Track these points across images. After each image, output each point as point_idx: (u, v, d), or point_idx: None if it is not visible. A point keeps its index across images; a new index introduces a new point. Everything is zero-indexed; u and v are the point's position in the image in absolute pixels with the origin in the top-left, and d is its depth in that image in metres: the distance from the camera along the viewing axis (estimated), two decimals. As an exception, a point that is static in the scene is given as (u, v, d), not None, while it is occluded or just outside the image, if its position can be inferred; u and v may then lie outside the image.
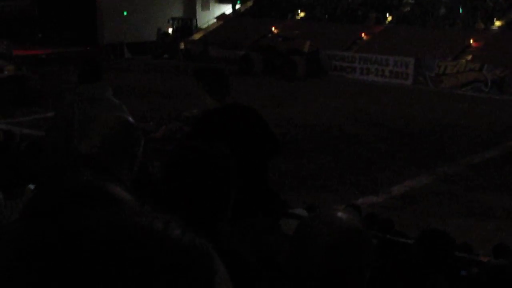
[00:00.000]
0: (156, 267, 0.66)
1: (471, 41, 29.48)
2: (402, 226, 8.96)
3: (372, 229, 6.46)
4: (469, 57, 28.63)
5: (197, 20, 40.96)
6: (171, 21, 38.68)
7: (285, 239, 4.99)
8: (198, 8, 43.13)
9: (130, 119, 2.35)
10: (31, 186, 4.23)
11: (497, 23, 30.72)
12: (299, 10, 37.58)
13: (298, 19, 36.92)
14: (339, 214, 1.83)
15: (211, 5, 43.82)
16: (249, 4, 40.98)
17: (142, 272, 0.65)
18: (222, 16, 40.69)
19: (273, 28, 35.11)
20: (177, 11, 41.54)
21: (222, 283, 0.70)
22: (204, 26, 40.45)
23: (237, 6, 41.38)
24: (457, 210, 12.12)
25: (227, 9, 41.92)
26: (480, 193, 13.15)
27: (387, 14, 34.33)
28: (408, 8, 34.61)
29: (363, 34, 32.74)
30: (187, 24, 39.59)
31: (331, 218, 1.82)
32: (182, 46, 36.92)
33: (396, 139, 17.81)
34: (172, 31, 38.66)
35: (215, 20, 40.45)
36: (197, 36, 38.76)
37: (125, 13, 39.21)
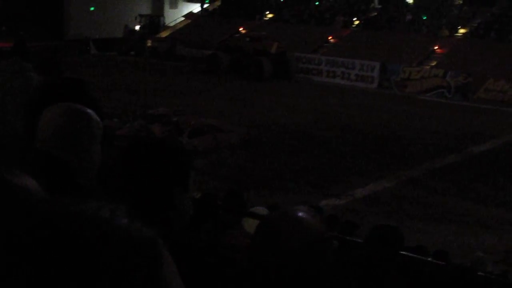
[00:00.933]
0: (103, 256, 0.66)
1: (436, 47, 29.89)
2: (364, 228, 9.03)
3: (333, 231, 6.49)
4: (434, 63, 29.02)
5: (165, 18, 40.79)
6: (138, 18, 38.44)
7: (247, 238, 4.99)
8: (166, 6, 42.94)
9: (82, 108, 2.27)
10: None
11: (461, 31, 31.19)
12: (267, 12, 37.67)
13: (266, 20, 37.00)
14: (302, 214, 1.83)
15: (179, 3, 43.65)
16: (217, 3, 40.94)
17: (89, 260, 0.65)
18: (190, 14, 40.56)
19: (240, 29, 35.12)
20: (145, 9, 41.31)
21: (168, 273, 0.70)
22: (172, 24, 40.28)
23: (205, 5, 41.29)
24: (418, 213, 12.26)
25: (195, 7, 41.80)
26: (440, 197, 13.33)
27: (354, 19, 34.61)
28: (375, 13, 34.94)
29: (330, 37, 32.95)
30: (154, 22, 39.40)
31: (294, 218, 1.82)
32: (149, 43, 36.70)
33: (360, 142, 17.95)
34: (140, 28, 38.44)
35: (183, 19, 40.30)
36: (164, 34, 38.59)
37: (92, 9, 38.83)
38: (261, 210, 5.97)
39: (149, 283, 0.68)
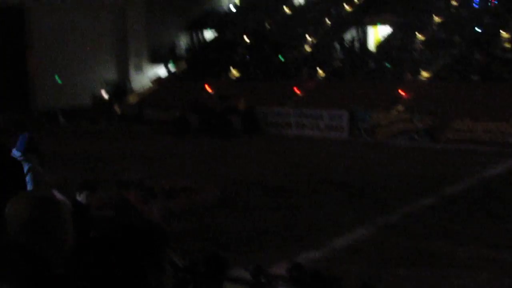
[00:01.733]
0: None
1: (401, 92, 30.37)
2: (347, 278, 8.96)
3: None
4: (400, 107, 29.43)
5: (131, 82, 41.00)
6: (105, 85, 38.57)
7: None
8: (131, 70, 43.16)
9: (48, 195, 2.22)
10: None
11: (424, 74, 31.79)
12: (232, 69, 38.07)
13: (232, 78, 37.35)
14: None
15: (144, 65, 43.91)
16: (182, 65, 41.30)
17: None
18: (157, 80, 40.82)
19: (206, 88, 35.40)
20: (110, 74, 41.46)
21: None
22: (139, 88, 40.47)
23: (170, 66, 41.61)
24: (399, 259, 12.21)
25: (160, 68, 42.08)
26: (420, 242, 13.31)
27: (318, 69, 35.11)
28: (339, 63, 35.51)
29: (296, 89, 33.32)
30: (121, 87, 39.55)
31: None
32: (117, 109, 36.75)
33: (335, 191, 17.98)
34: (107, 95, 38.55)
35: (150, 84, 40.54)
36: (132, 98, 38.72)
37: (57, 77, 38.81)
38: (243, 273, 5.89)
39: None
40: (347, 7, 40.67)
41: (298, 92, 33.30)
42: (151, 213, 14.45)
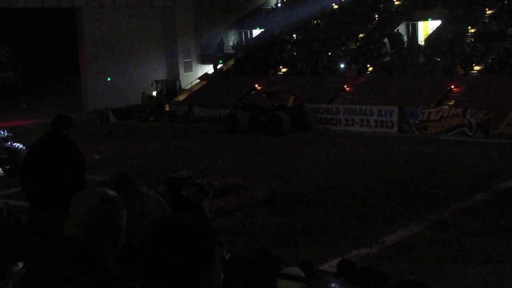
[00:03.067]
0: None
1: (452, 87, 29.88)
2: (398, 275, 8.88)
3: (367, 283, 6.39)
4: (452, 102, 28.96)
5: (181, 81, 41.38)
6: (155, 84, 39.02)
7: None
8: (181, 70, 43.60)
9: (110, 192, 2.30)
10: (20, 265, 4.15)
11: (476, 68, 31.21)
12: (280, 66, 38.06)
13: (280, 75, 37.34)
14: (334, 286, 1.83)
15: (194, 66, 44.33)
16: (231, 63, 41.48)
17: None
18: (205, 76, 41.09)
19: (256, 85, 35.46)
20: (161, 74, 41.97)
21: None
22: (188, 87, 40.82)
23: (219, 66, 41.87)
24: (452, 256, 12.04)
25: (209, 69, 42.40)
26: (473, 238, 13.10)
27: (368, 65, 34.84)
28: (388, 58, 35.14)
29: (345, 86, 33.13)
30: (171, 86, 39.96)
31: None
32: (167, 108, 37.14)
33: (386, 188, 17.81)
34: (157, 94, 38.97)
35: (198, 81, 40.84)
36: (181, 97, 39.07)
37: (109, 79, 39.55)
38: (296, 270, 5.89)
39: None
40: (396, 1, 40.23)
41: (347, 88, 33.09)
42: (202, 210, 14.56)
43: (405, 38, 37.21)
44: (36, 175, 6.65)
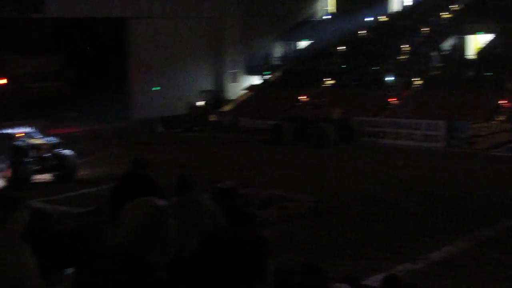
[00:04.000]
0: None
1: (502, 101, 29.36)
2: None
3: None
4: (502, 117, 28.44)
5: (227, 92, 41.61)
6: (201, 94, 39.31)
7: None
8: (227, 81, 43.87)
9: (160, 202, 2.34)
10: (69, 271, 4.21)
11: (528, 82, 30.65)
12: (327, 78, 37.98)
13: (326, 87, 37.25)
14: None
15: (240, 77, 44.57)
16: (277, 74, 41.56)
17: None
18: (251, 86, 41.25)
19: (301, 97, 35.47)
20: (207, 84, 42.27)
21: None
22: (234, 97, 41.02)
23: (266, 77, 41.99)
24: (498, 275, 11.78)
25: (255, 80, 42.56)
26: (522, 257, 12.79)
27: (415, 79, 34.49)
28: (438, 72, 34.73)
29: (392, 99, 32.85)
30: (217, 96, 40.21)
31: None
32: (212, 118, 37.38)
33: (432, 203, 17.54)
34: (203, 104, 39.27)
35: (244, 91, 41.01)
36: (227, 107, 39.28)
37: (156, 88, 40.02)
38: (339, 285, 5.84)
39: None
40: (445, 15, 39.79)
41: (393, 101, 32.81)
42: (255, 219, 14.55)
43: (454, 52, 36.73)
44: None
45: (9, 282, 3.79)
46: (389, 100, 32.94)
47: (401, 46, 38.30)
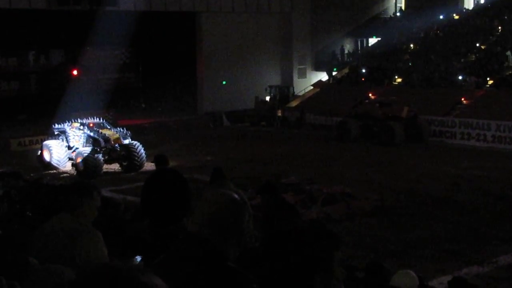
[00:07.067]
0: None
1: None
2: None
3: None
4: None
5: (294, 87, 41.54)
6: (268, 89, 39.40)
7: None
8: (295, 76, 43.81)
9: (235, 195, 2.39)
10: (138, 258, 4.33)
11: None
12: (395, 76, 37.47)
13: (395, 85, 36.75)
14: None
15: (308, 72, 44.44)
16: (345, 71, 41.25)
17: None
18: (319, 83, 41.08)
19: (369, 94, 35.10)
20: (275, 79, 42.30)
21: None
22: (301, 93, 40.93)
23: (333, 73, 41.74)
24: None
25: (323, 76, 42.35)
26: None
27: (487, 78, 33.65)
28: (510, 72, 33.79)
29: (463, 99, 32.13)
30: (284, 92, 40.18)
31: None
32: (279, 113, 37.40)
33: (502, 206, 17.11)
34: (270, 99, 39.32)
35: (311, 87, 40.88)
36: (294, 103, 39.21)
37: (224, 83, 40.35)
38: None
39: None
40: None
41: (464, 101, 32.10)
42: (311, 217, 14.56)
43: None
44: (154, 199, 8.76)
45: (79, 267, 3.92)
46: (459, 99, 32.22)
47: (474, 45, 37.40)
